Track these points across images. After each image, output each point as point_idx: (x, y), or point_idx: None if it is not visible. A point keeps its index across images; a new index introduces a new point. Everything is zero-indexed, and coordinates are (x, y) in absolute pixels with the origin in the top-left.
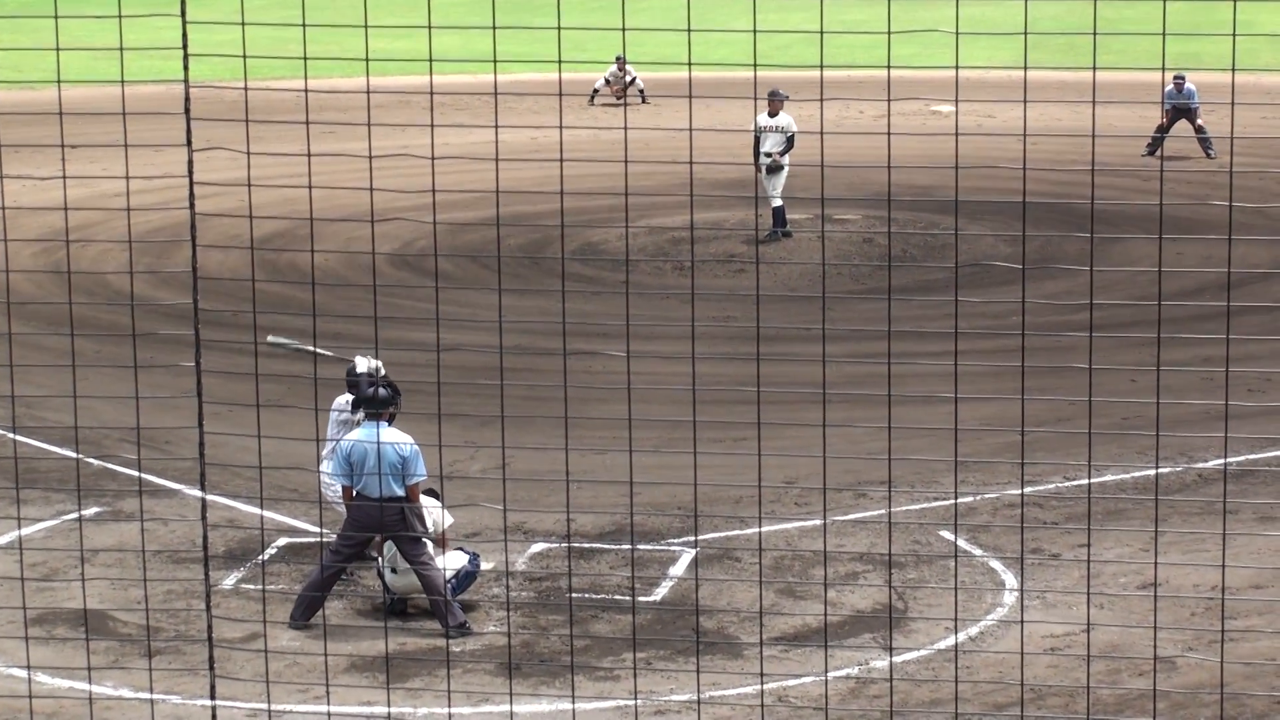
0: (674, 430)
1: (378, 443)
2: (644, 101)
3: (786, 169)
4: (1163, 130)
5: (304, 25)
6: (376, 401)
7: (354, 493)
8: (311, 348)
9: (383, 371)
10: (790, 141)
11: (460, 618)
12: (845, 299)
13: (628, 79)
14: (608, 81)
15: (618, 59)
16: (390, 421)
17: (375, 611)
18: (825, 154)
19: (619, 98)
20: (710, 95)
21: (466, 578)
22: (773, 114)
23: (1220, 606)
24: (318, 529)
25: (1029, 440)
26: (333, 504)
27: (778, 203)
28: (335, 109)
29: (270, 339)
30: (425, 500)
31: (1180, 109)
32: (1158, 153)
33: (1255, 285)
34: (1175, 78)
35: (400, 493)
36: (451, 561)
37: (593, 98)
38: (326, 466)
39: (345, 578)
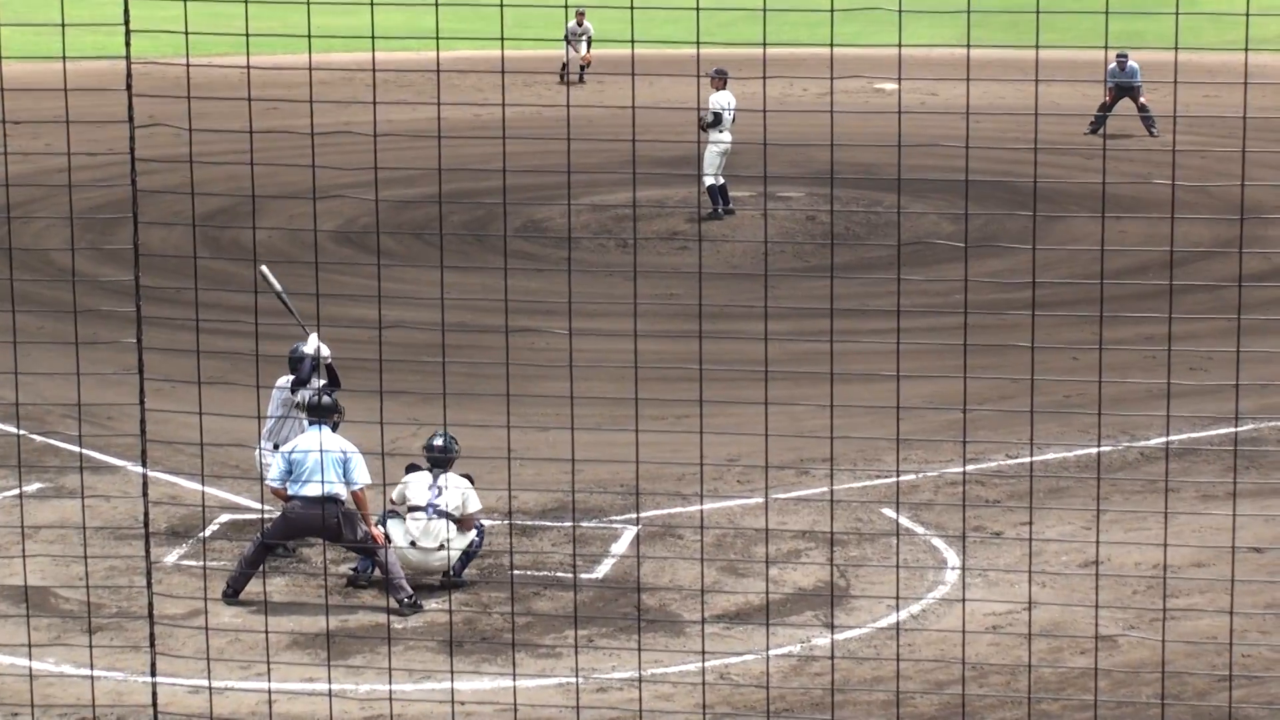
0: (617, 407)
1: (321, 450)
2: (581, 81)
3: (709, 146)
4: (1106, 108)
5: (246, 1)
6: (320, 409)
7: (289, 493)
8: (291, 309)
9: (325, 352)
10: (709, 118)
11: (409, 591)
12: (788, 276)
13: (585, 36)
14: (567, 40)
15: (578, 11)
16: (335, 429)
17: (317, 588)
18: (768, 132)
19: (585, 61)
20: (654, 73)
21: (475, 547)
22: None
23: (1162, 585)
24: (259, 505)
25: (971, 418)
26: (269, 482)
27: (709, 181)
28: (279, 85)
29: (264, 269)
30: (458, 481)
31: (1123, 87)
32: (1101, 131)
33: (1197, 264)
34: (1118, 56)
35: (343, 497)
36: (463, 542)
37: (563, 74)
38: (270, 457)
39: (282, 554)
